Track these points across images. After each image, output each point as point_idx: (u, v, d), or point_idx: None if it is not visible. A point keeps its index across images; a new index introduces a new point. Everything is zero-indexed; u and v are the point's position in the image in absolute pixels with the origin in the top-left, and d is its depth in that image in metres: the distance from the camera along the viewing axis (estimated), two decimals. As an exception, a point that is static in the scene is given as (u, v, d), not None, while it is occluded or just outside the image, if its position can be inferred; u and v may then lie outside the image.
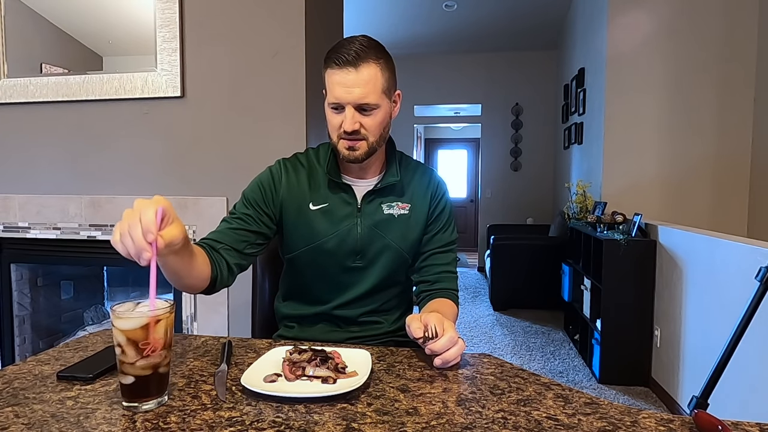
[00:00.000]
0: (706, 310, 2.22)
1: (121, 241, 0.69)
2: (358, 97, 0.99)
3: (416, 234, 1.14)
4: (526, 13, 5.04)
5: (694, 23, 3.27)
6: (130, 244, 0.68)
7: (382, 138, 1.08)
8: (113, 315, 0.67)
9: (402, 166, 1.16)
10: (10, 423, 0.63)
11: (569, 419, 0.65)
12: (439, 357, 0.81)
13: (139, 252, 0.68)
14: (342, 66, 0.99)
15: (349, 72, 0.98)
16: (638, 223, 2.78)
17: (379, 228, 1.11)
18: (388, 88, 1.04)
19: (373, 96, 1.00)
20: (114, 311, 0.67)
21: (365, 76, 0.99)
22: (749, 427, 0.63)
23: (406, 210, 1.13)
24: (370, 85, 1.00)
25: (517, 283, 4.47)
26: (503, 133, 6.19)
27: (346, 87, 0.99)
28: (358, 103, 1.00)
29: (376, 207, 1.11)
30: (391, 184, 1.12)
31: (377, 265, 1.12)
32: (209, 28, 2.13)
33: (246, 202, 1.11)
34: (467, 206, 8.57)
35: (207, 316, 2.18)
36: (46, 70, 2.29)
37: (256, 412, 0.66)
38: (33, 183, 2.31)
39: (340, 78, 0.99)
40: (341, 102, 1.00)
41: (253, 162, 1.52)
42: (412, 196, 1.14)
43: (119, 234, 0.69)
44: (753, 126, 3.25)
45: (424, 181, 1.17)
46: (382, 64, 1.02)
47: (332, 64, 1.00)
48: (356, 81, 0.99)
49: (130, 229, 0.68)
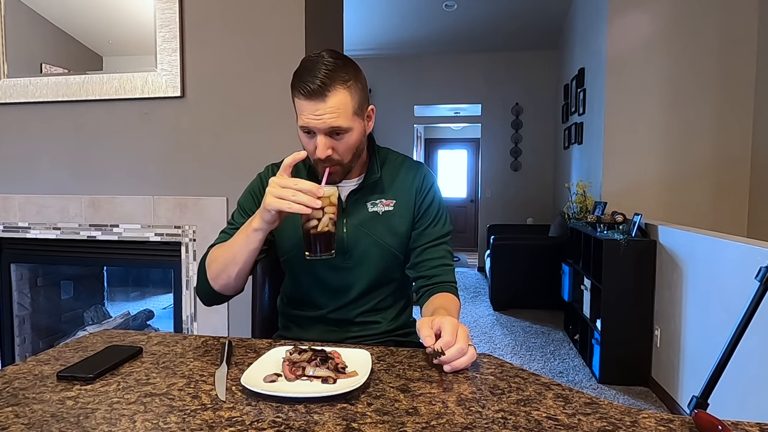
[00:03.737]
0: (706, 310, 2.21)
1: (290, 200, 0.88)
2: (329, 124, 0.97)
3: (403, 229, 1.13)
4: (527, 13, 5.04)
5: (694, 23, 3.27)
6: (304, 198, 0.88)
7: (357, 156, 1.07)
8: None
9: (386, 162, 1.16)
10: (10, 423, 0.63)
11: (569, 419, 0.65)
12: (449, 365, 0.81)
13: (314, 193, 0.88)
14: (309, 97, 0.96)
15: (317, 103, 0.96)
16: (638, 223, 2.78)
17: (364, 226, 1.11)
18: (359, 108, 1.02)
19: (343, 120, 0.98)
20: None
21: (334, 103, 0.96)
22: (749, 427, 0.63)
23: (390, 206, 1.12)
24: (340, 111, 0.97)
25: (517, 283, 4.47)
26: (503, 133, 6.18)
27: (315, 115, 0.97)
28: (328, 129, 0.98)
29: (361, 206, 1.11)
30: (373, 182, 1.12)
31: (367, 264, 1.12)
32: (209, 28, 2.13)
33: (242, 212, 1.12)
34: (467, 206, 8.57)
35: (207, 316, 2.18)
36: (46, 70, 2.29)
37: (256, 412, 0.66)
38: (33, 183, 2.31)
39: (308, 107, 0.97)
40: (311, 128, 0.99)
41: (253, 162, 1.51)
42: (396, 191, 1.14)
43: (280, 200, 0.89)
44: (753, 126, 3.25)
45: (410, 175, 1.16)
46: (351, 86, 0.99)
47: (298, 93, 0.97)
48: (325, 110, 0.96)
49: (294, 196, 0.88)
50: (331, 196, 0.93)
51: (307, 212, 0.88)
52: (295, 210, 0.87)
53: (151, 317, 2.99)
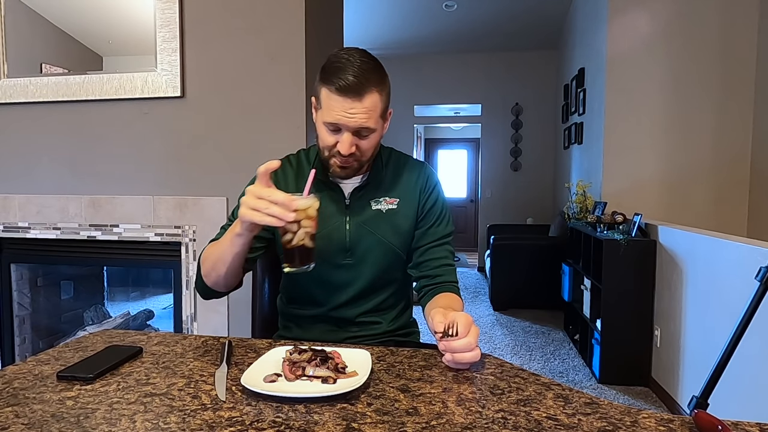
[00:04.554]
0: (706, 310, 2.21)
1: (263, 212, 0.85)
2: (360, 124, 0.99)
3: (406, 228, 1.14)
4: (526, 13, 5.04)
5: (693, 23, 3.27)
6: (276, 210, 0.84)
7: (373, 155, 1.09)
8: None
9: (390, 161, 1.17)
10: (10, 423, 0.63)
11: (569, 419, 0.65)
12: (450, 355, 0.81)
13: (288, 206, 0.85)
14: (345, 93, 0.97)
15: (353, 100, 0.97)
16: (638, 223, 2.78)
17: (367, 224, 1.11)
18: (385, 110, 1.05)
19: (372, 121, 1.01)
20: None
21: (368, 104, 0.98)
22: (749, 427, 0.63)
23: (394, 205, 1.13)
24: (372, 112, 1.00)
25: (517, 283, 4.47)
26: (503, 133, 6.18)
27: (349, 113, 0.98)
28: (357, 128, 1.00)
29: (365, 204, 1.12)
30: (377, 180, 1.13)
31: (369, 263, 1.12)
32: (209, 28, 2.13)
33: None
34: (467, 206, 8.57)
35: (207, 316, 2.18)
36: (46, 70, 2.29)
37: (256, 412, 0.66)
38: (33, 183, 2.31)
39: (341, 105, 0.97)
40: (340, 125, 0.99)
41: (253, 162, 1.51)
42: (400, 190, 1.14)
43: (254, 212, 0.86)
44: (753, 126, 3.24)
45: (413, 175, 1.16)
46: (383, 89, 1.02)
47: (332, 88, 0.98)
48: (360, 109, 0.98)
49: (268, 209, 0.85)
50: (308, 208, 0.89)
51: (280, 224, 0.85)
52: (267, 222, 0.85)
53: (151, 317, 2.99)
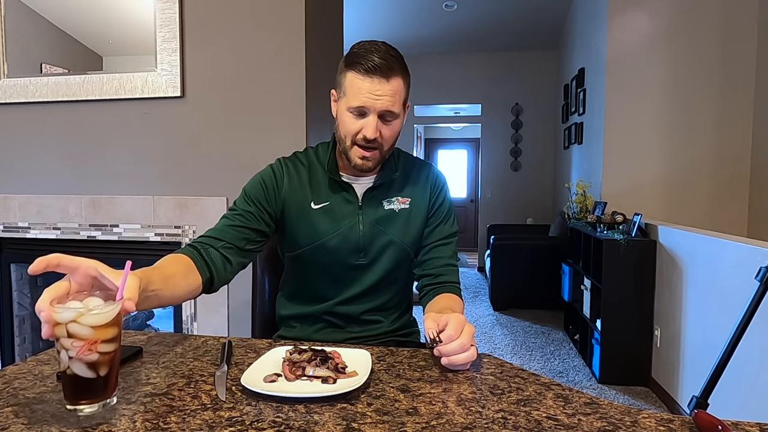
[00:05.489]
0: (706, 310, 2.21)
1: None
2: (386, 107, 1.00)
3: (417, 228, 1.14)
4: (526, 13, 5.04)
5: (694, 23, 3.27)
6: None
7: (392, 148, 1.10)
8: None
9: (400, 161, 1.17)
10: (10, 423, 0.63)
11: (569, 419, 0.65)
12: (446, 358, 0.81)
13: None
14: (372, 74, 0.98)
15: (380, 81, 0.99)
16: (638, 223, 2.78)
17: (380, 224, 1.11)
18: (406, 99, 1.07)
19: (397, 106, 1.02)
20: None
21: (395, 87, 1.00)
22: (749, 427, 0.63)
23: (406, 204, 1.13)
24: (396, 96, 1.01)
25: (517, 283, 4.47)
26: (503, 133, 6.18)
27: (375, 95, 0.99)
28: (382, 111, 1.00)
29: (377, 204, 1.12)
30: (390, 180, 1.13)
31: (381, 262, 1.12)
32: (209, 28, 2.13)
33: (247, 199, 1.10)
34: (467, 206, 8.56)
35: (207, 316, 2.18)
36: (46, 70, 2.29)
37: (256, 412, 0.66)
38: (33, 183, 2.31)
39: (369, 86, 0.99)
40: (366, 108, 1.00)
41: (253, 162, 1.52)
42: (411, 190, 1.15)
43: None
44: (753, 126, 3.24)
45: (423, 174, 1.18)
46: (406, 76, 1.04)
47: (360, 70, 0.99)
48: (386, 91, 0.99)
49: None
50: (71, 322, 0.61)
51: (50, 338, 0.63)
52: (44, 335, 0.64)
53: (151, 317, 2.98)
